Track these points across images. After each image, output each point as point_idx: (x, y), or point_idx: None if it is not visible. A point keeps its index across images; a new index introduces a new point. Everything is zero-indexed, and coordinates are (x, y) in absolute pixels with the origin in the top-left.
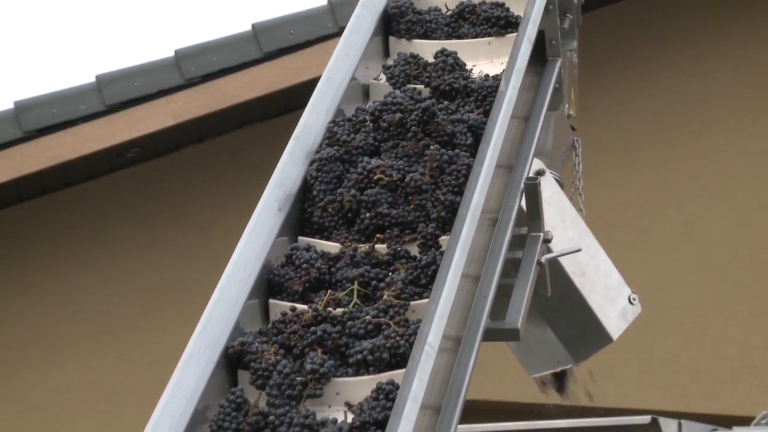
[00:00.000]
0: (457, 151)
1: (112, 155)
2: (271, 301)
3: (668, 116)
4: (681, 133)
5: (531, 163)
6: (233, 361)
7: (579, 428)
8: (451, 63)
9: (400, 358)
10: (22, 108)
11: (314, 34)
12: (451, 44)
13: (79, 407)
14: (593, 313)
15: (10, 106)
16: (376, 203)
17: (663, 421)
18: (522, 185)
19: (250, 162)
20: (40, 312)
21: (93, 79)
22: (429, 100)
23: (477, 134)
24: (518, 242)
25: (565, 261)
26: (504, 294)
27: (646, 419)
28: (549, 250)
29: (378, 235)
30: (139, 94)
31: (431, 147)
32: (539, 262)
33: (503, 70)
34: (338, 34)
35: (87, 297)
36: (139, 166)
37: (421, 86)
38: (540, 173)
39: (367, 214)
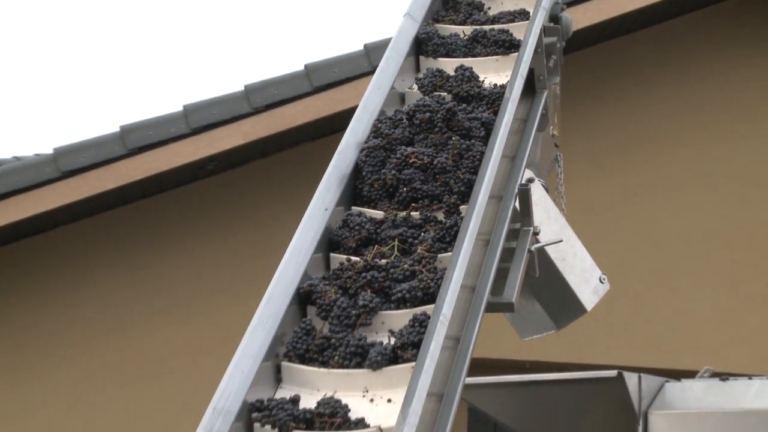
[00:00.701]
0: (473, 141)
1: (195, 168)
2: (332, 254)
3: (628, 136)
4: (638, 149)
5: (523, 172)
6: (303, 298)
7: (557, 380)
8: (467, 75)
9: (430, 297)
10: (126, 130)
11: (353, 72)
12: (467, 61)
13: (173, 364)
14: (571, 290)
15: (116, 129)
16: (411, 180)
17: (626, 375)
18: (516, 190)
19: (303, 173)
20: (149, 288)
21: (181, 108)
22: (451, 103)
23: (488, 129)
24: (513, 235)
25: (549, 249)
26: (501, 276)
27: (612, 373)
28: (537, 241)
29: (413, 205)
30: (216, 120)
31: (453, 138)
32: (529, 251)
33: (508, 81)
34: (372, 72)
35: (181, 275)
36: (217, 176)
37: (445, 93)
38: (530, 180)
39: (404, 189)
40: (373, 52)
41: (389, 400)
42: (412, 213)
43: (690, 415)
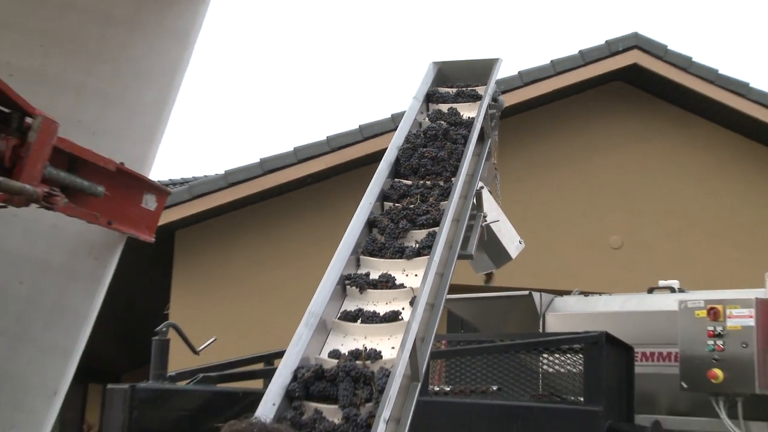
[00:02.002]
0: (457, 145)
1: (300, 182)
2: (385, 203)
3: (533, 164)
4: (537, 172)
5: (477, 182)
6: (370, 225)
7: (496, 297)
8: (454, 112)
9: (436, 223)
10: (264, 160)
11: (384, 128)
12: (453, 105)
13: (288, 287)
14: (503, 248)
15: (257, 160)
16: (425, 165)
17: (533, 294)
18: (473, 192)
19: (359, 186)
20: (277, 244)
21: (292, 149)
22: (446, 126)
23: (465, 139)
24: (472, 217)
25: (492, 225)
26: (466, 238)
27: (526, 292)
28: (485, 220)
29: (427, 177)
30: (310, 155)
31: (447, 144)
32: (481, 226)
33: (475, 115)
34: (395, 129)
35: (296, 237)
36: (312, 186)
37: (443, 121)
38: (482, 187)
39: (422, 169)
40: (397, 118)
41: (416, 275)
42: (426, 181)
43: (568, 316)
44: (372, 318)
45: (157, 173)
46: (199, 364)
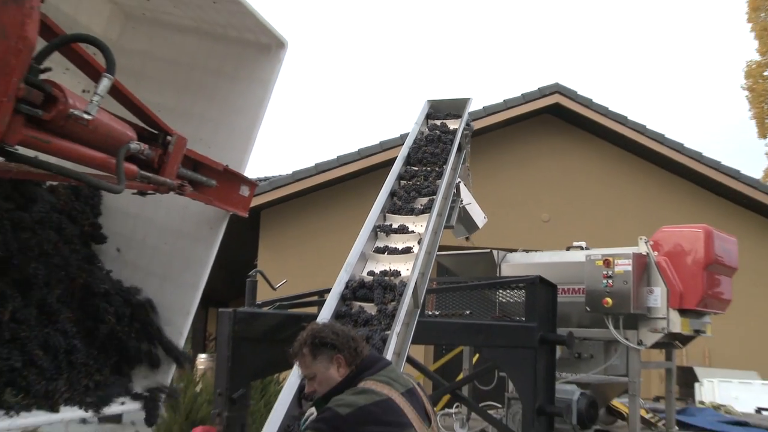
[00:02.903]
0: (447, 146)
1: (362, 173)
2: (401, 180)
3: (488, 168)
4: (491, 174)
5: (457, 178)
6: (392, 195)
7: (470, 253)
8: (444, 125)
9: (435, 192)
10: (340, 157)
11: (396, 143)
12: (444, 121)
13: (343, 247)
14: (474, 221)
15: (334, 157)
16: (427, 157)
17: (493, 251)
18: (454, 184)
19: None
20: (340, 215)
21: (356, 149)
22: (440, 133)
23: (452, 142)
24: (454, 200)
25: (467, 206)
26: (449, 215)
27: (488, 250)
28: (462, 202)
29: (427, 165)
30: (363, 156)
31: (440, 145)
32: (459, 207)
33: (457, 128)
34: (402, 144)
35: (350, 211)
36: (354, 180)
37: (438, 131)
38: (459, 182)
39: (425, 160)
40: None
41: (421, 225)
42: (427, 168)
43: (515, 265)
44: (394, 251)
45: (248, 172)
46: (276, 296)
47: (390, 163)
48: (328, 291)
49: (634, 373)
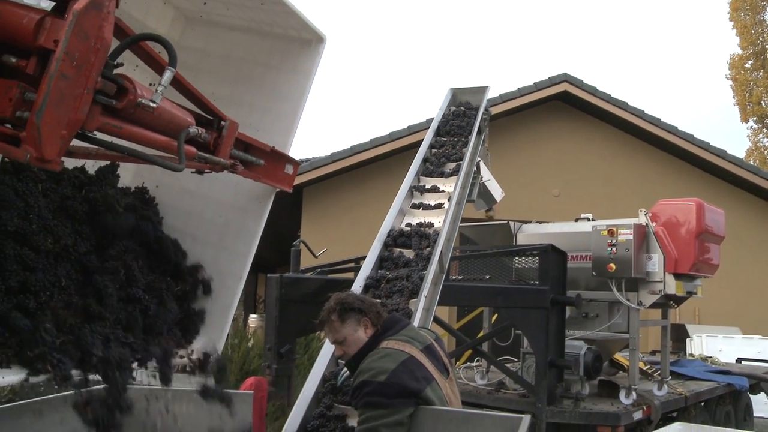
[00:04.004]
0: (470, 119)
1: (390, 154)
2: (432, 149)
3: (504, 148)
4: (506, 153)
5: (477, 157)
6: (421, 167)
7: (488, 225)
8: (468, 103)
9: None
10: (373, 140)
11: (422, 128)
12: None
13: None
14: (492, 196)
15: (367, 140)
16: (454, 129)
17: (510, 223)
18: (475, 163)
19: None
20: (373, 190)
21: (387, 132)
22: (464, 109)
23: (475, 120)
24: (474, 176)
25: (486, 183)
26: (471, 190)
27: (505, 221)
28: (482, 179)
29: (454, 135)
30: (392, 139)
31: (465, 119)
32: (479, 183)
33: (478, 111)
34: (428, 127)
35: (383, 189)
36: (385, 160)
37: (463, 108)
38: (479, 161)
39: (452, 131)
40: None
41: (450, 186)
42: (454, 138)
43: (529, 235)
44: (427, 207)
45: (291, 153)
46: (317, 263)
47: (417, 144)
48: (363, 258)
49: (634, 330)
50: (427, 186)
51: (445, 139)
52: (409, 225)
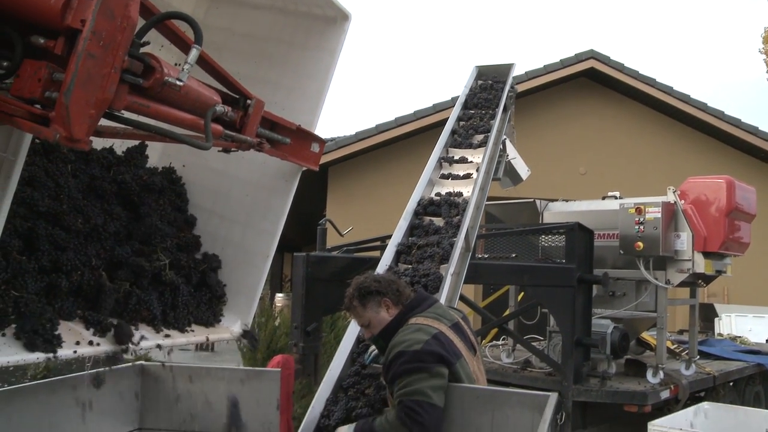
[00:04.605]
0: (497, 92)
1: (414, 133)
2: (460, 122)
3: (531, 126)
4: (533, 131)
5: (504, 136)
6: (449, 139)
7: (514, 203)
8: (495, 78)
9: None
10: (397, 119)
11: (446, 106)
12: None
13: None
14: (518, 174)
15: (392, 119)
16: (481, 102)
17: (536, 201)
18: (501, 141)
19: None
20: (395, 170)
21: (412, 111)
22: (491, 82)
23: (502, 93)
24: (501, 154)
25: (512, 160)
26: (497, 168)
27: (531, 199)
28: (507, 157)
29: (482, 108)
30: (416, 118)
31: (492, 92)
32: (505, 161)
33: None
34: (452, 106)
35: (407, 167)
36: (419, 135)
37: (490, 81)
38: (505, 138)
39: (479, 104)
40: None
41: (478, 157)
42: (481, 111)
43: (556, 213)
44: (456, 177)
45: (317, 133)
46: (343, 242)
47: (442, 123)
48: (389, 237)
49: (661, 309)
50: (456, 157)
51: (472, 111)
52: (438, 194)
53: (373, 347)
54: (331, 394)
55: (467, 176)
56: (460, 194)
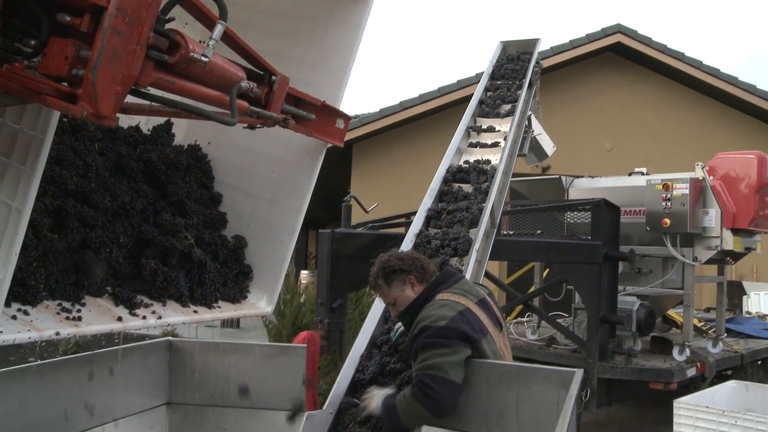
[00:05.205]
0: (524, 62)
1: (438, 110)
2: (487, 92)
3: (556, 102)
4: (559, 106)
5: (529, 111)
6: (476, 111)
7: (539, 179)
8: (522, 51)
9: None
10: (422, 95)
11: (471, 82)
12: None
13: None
14: (544, 150)
15: (416, 95)
16: (508, 72)
17: (562, 177)
18: (526, 116)
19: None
20: (418, 143)
21: (437, 88)
22: (518, 53)
23: (528, 65)
24: (526, 130)
25: (538, 136)
26: (522, 144)
27: (557, 175)
28: (533, 133)
29: (509, 78)
30: (440, 95)
31: (519, 62)
32: (531, 137)
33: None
34: (477, 81)
35: (428, 144)
36: (433, 115)
37: (517, 52)
38: (531, 114)
39: (506, 75)
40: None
41: (505, 126)
42: (508, 81)
43: (581, 190)
44: (484, 145)
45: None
46: (368, 218)
47: (467, 99)
48: (413, 213)
49: (688, 286)
50: (483, 126)
51: (499, 82)
52: (467, 162)
53: (399, 324)
54: (365, 351)
55: (495, 144)
56: (488, 162)
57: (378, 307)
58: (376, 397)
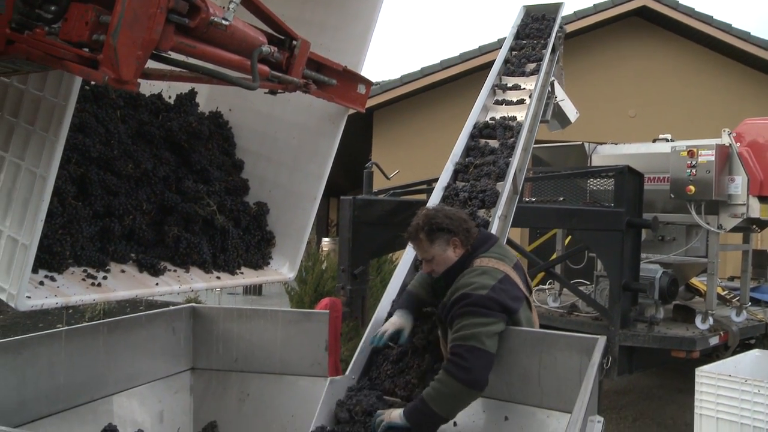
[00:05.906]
0: (549, 22)
1: (451, 79)
2: (512, 51)
3: (579, 68)
4: (582, 73)
5: (552, 77)
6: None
7: (562, 146)
8: (541, 17)
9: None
10: (443, 61)
11: (492, 48)
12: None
13: (442, 152)
14: (566, 116)
15: (437, 61)
16: (533, 32)
17: (584, 144)
18: (549, 82)
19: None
20: (436, 113)
21: (458, 53)
22: (543, 13)
23: (553, 25)
24: (548, 96)
25: (561, 102)
26: (545, 110)
27: (579, 142)
28: (556, 99)
29: (533, 38)
30: (456, 63)
31: (544, 21)
32: (554, 103)
33: (548, 38)
34: (499, 47)
35: (442, 117)
36: (455, 81)
37: (542, 12)
38: (554, 80)
39: (530, 35)
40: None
41: (531, 85)
42: (533, 41)
43: (604, 156)
44: (510, 102)
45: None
46: (389, 185)
47: (488, 65)
48: (435, 180)
49: (712, 254)
50: (509, 84)
51: (525, 42)
52: (493, 119)
53: (384, 329)
54: (397, 295)
55: (521, 101)
56: (514, 118)
57: (409, 256)
58: (395, 411)
